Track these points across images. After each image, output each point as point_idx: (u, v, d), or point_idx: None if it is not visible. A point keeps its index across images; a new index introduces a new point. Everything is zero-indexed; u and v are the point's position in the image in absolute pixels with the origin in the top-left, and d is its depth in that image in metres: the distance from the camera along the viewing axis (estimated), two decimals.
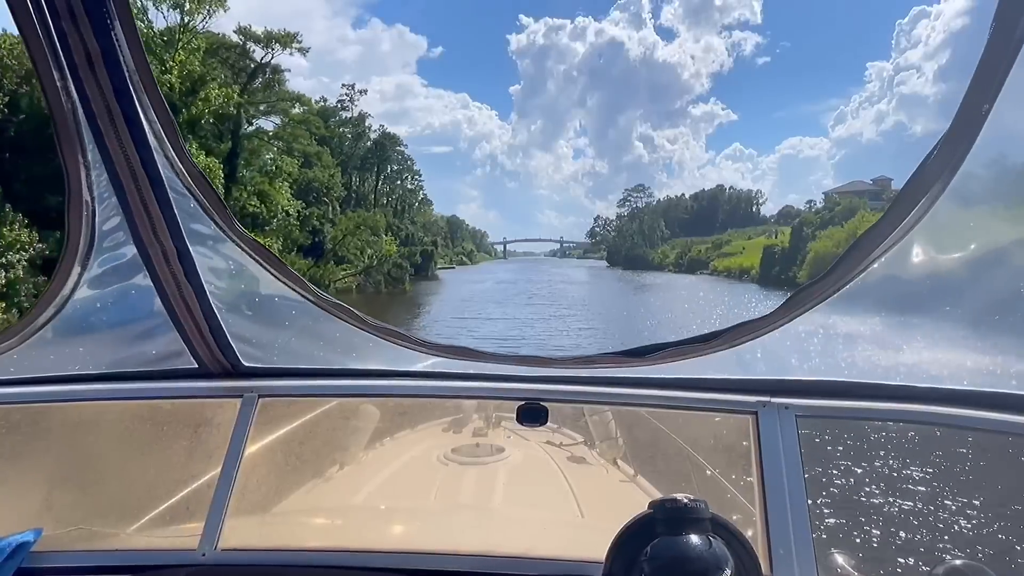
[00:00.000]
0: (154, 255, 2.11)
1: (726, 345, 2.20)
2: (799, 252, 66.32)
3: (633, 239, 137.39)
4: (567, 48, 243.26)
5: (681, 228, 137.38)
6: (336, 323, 2.52)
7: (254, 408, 2.34)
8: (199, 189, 2.12)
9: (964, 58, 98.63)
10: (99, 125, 1.79)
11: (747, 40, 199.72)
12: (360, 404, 3.24)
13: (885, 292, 2.14)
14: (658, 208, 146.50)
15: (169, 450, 2.75)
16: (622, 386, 2.30)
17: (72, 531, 2.29)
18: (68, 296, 2.31)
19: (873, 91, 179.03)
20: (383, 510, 3.19)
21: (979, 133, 1.61)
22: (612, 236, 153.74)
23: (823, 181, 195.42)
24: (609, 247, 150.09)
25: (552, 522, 2.94)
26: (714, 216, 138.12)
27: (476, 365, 2.47)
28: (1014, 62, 1.49)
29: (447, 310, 49.92)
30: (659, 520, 1.51)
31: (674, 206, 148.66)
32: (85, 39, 1.65)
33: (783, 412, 2.05)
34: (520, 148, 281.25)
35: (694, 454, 3.18)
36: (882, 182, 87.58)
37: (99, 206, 2.05)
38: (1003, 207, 2.01)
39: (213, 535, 2.07)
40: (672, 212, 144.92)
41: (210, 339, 2.37)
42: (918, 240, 1.87)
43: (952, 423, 2.00)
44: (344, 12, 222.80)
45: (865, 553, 5.29)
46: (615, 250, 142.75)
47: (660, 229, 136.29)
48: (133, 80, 1.77)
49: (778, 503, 1.90)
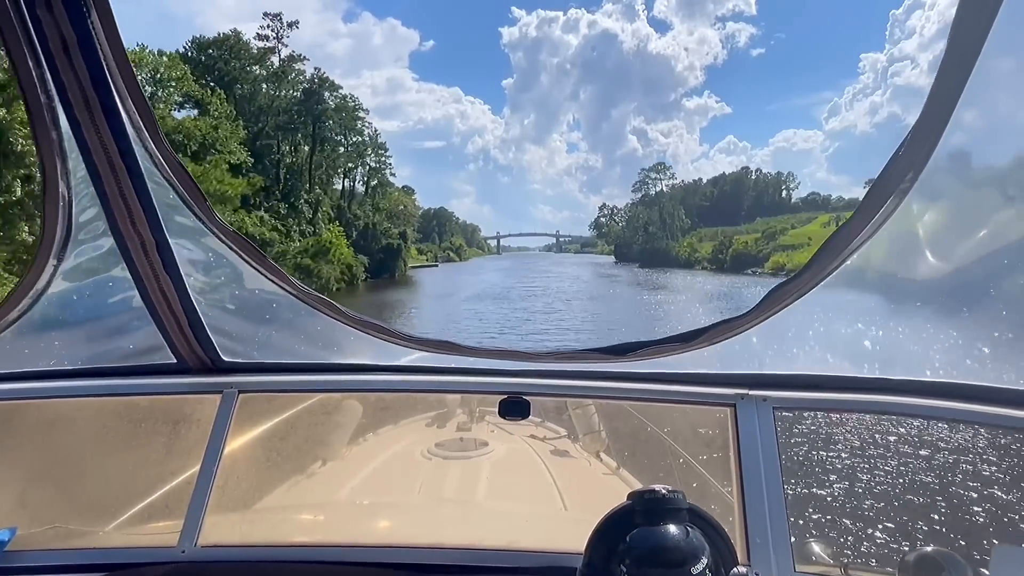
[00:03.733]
0: (132, 247, 2.08)
1: (706, 343, 2.23)
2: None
3: (647, 230, 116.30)
4: (560, 40, 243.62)
5: (700, 217, 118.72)
6: (318, 317, 2.50)
7: (234, 404, 2.32)
8: (178, 180, 2.09)
9: None
10: (76, 114, 1.76)
11: (741, 31, 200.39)
12: (342, 399, 3.23)
13: (859, 287, 2.19)
14: (676, 194, 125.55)
15: (148, 447, 2.72)
16: (604, 380, 2.33)
17: (48, 529, 2.25)
18: (43, 289, 2.26)
19: (867, 83, 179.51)
20: (366, 505, 3.18)
21: (944, 128, 1.64)
22: (620, 227, 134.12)
23: (817, 174, 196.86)
24: (618, 240, 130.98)
25: (535, 515, 2.97)
26: (738, 203, 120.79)
27: (459, 359, 2.47)
28: (977, 58, 1.52)
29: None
30: (638, 511, 1.54)
31: (691, 192, 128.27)
32: (61, 27, 1.61)
33: (760, 404, 2.09)
34: (513, 142, 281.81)
35: (675, 446, 3.23)
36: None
37: (76, 197, 2.01)
38: (972, 201, 2.06)
39: (193, 532, 2.06)
40: (689, 199, 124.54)
41: (189, 334, 2.34)
42: (890, 235, 1.91)
43: (925, 414, 2.06)
44: (335, 5, 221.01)
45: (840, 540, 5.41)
46: (625, 243, 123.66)
47: (680, 218, 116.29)
48: (111, 69, 1.73)
49: (755, 493, 1.94)
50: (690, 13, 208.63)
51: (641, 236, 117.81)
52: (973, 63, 1.53)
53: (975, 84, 1.57)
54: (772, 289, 2.10)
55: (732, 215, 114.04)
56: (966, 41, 1.51)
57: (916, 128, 1.66)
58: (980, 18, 1.46)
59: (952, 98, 1.59)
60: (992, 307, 2.13)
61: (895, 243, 2.01)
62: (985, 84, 1.58)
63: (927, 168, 1.72)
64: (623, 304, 50.95)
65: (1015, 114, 1.85)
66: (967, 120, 1.66)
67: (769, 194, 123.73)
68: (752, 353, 2.32)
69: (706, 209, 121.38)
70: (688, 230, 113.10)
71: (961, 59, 1.54)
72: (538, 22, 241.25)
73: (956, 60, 1.54)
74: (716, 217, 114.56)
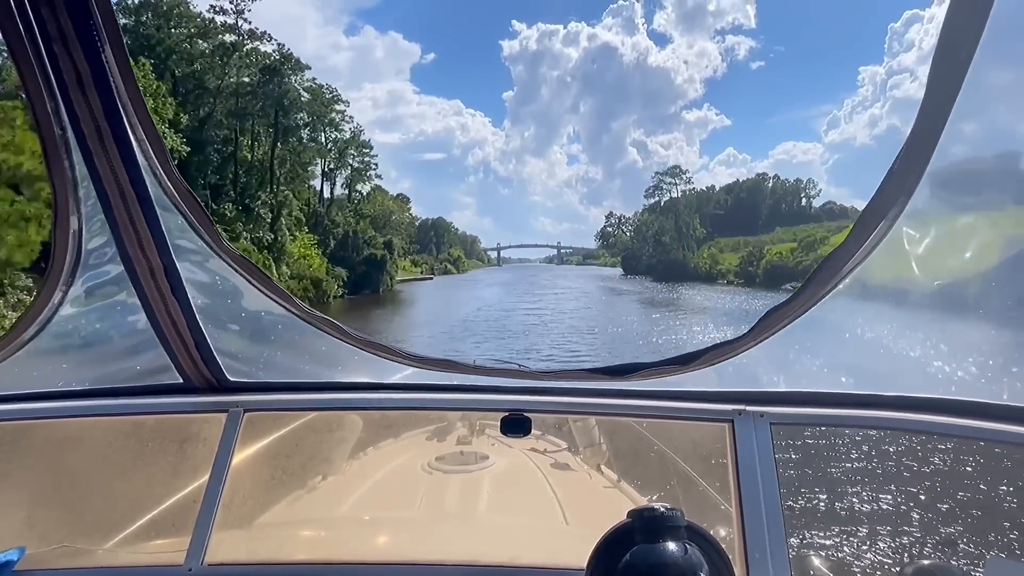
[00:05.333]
0: (140, 271, 2.13)
1: (704, 364, 2.27)
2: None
3: (658, 240, 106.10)
4: (560, 53, 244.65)
5: (714, 226, 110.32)
6: (321, 337, 2.54)
7: (239, 423, 2.35)
8: (186, 205, 2.14)
9: None
10: (88, 145, 1.81)
11: (741, 44, 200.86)
12: (345, 416, 3.26)
13: (853, 308, 2.23)
14: (691, 202, 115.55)
15: (154, 466, 2.75)
16: (604, 397, 2.36)
17: (56, 549, 2.27)
18: (53, 312, 2.31)
19: (866, 95, 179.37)
20: (369, 521, 3.20)
21: (934, 150, 1.68)
22: (628, 237, 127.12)
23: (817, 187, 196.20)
24: (625, 251, 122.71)
25: (537, 529, 2.99)
26: (755, 211, 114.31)
27: (460, 376, 2.51)
28: (963, 79, 1.56)
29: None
30: (637, 529, 1.57)
31: (705, 200, 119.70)
32: (76, 62, 1.67)
33: (758, 420, 2.12)
34: (513, 154, 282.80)
35: (676, 459, 3.25)
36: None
37: (86, 224, 2.06)
38: (962, 222, 2.11)
39: (199, 550, 2.08)
40: (703, 207, 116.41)
41: (195, 354, 2.38)
42: (882, 257, 1.96)
43: (921, 429, 2.09)
44: (337, 20, 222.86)
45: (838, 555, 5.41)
46: (633, 254, 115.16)
47: (695, 227, 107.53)
48: (123, 100, 1.79)
49: (754, 508, 1.97)
50: (690, 27, 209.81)
51: (651, 247, 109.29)
52: (959, 86, 1.58)
53: (960, 108, 1.62)
54: (769, 311, 2.14)
55: (749, 224, 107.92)
56: (950, 64, 1.56)
57: (904, 152, 1.70)
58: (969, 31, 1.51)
59: (940, 121, 1.64)
60: (985, 324, 2.17)
61: (890, 262, 2.05)
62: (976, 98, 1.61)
63: (919, 189, 1.75)
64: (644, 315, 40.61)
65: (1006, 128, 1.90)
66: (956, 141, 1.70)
67: (787, 202, 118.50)
68: (749, 372, 2.36)
69: (720, 218, 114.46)
70: (703, 240, 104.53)
71: (947, 82, 1.58)
72: (538, 35, 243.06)
73: (942, 83, 1.59)
74: (732, 226, 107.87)
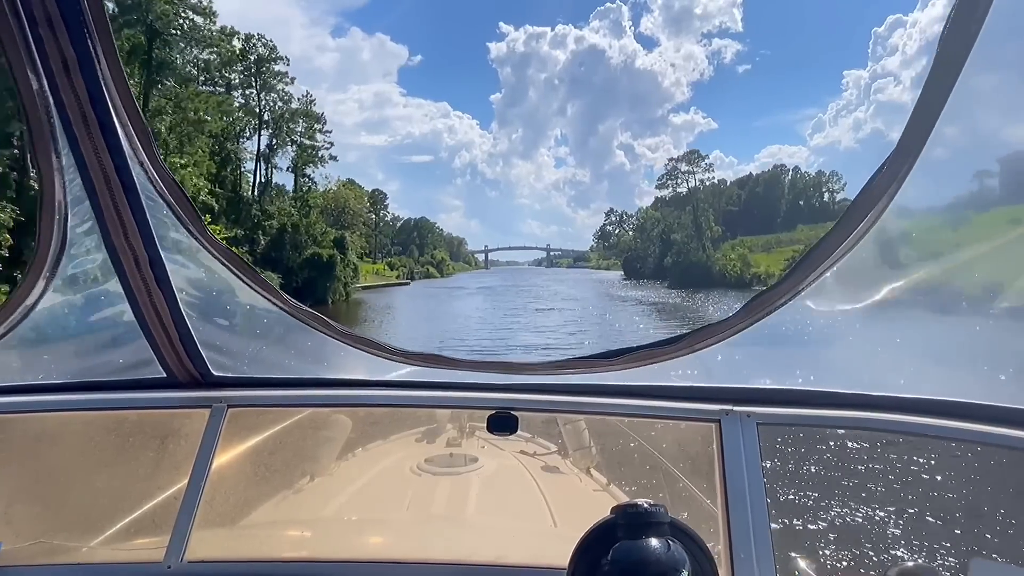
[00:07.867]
0: (125, 261, 2.11)
1: (688, 349, 2.28)
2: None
3: (667, 238, 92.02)
4: (548, 56, 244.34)
5: (728, 224, 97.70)
6: (308, 332, 2.52)
7: (223, 418, 2.32)
8: (172, 196, 2.13)
9: None
10: (74, 131, 1.80)
11: (727, 48, 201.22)
12: (331, 414, 3.23)
13: (839, 301, 2.25)
14: (707, 195, 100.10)
15: (135, 461, 2.71)
16: (592, 394, 2.36)
17: (33, 545, 2.23)
18: (35, 302, 2.27)
19: (850, 99, 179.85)
20: (355, 521, 3.17)
21: (923, 148, 1.70)
22: (631, 236, 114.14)
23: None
24: (628, 251, 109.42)
25: (524, 531, 2.97)
26: (774, 207, 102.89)
27: (449, 373, 2.50)
28: (956, 80, 1.58)
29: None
30: (620, 525, 1.56)
31: (717, 195, 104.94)
32: (62, 46, 1.66)
33: (745, 420, 2.12)
34: (501, 156, 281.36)
35: (664, 461, 3.25)
36: None
37: (71, 211, 2.04)
38: (949, 218, 2.13)
39: (179, 547, 2.05)
40: (715, 203, 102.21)
41: (180, 348, 2.35)
42: (872, 249, 1.97)
43: (909, 430, 2.09)
44: (323, 21, 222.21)
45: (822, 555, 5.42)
46: (637, 256, 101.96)
47: (710, 224, 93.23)
48: (108, 88, 1.78)
49: (739, 508, 1.96)
50: (676, 30, 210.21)
51: (658, 246, 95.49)
52: (951, 88, 1.60)
53: (956, 100, 1.63)
54: (752, 297, 2.16)
55: (767, 221, 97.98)
56: (946, 66, 1.58)
57: (897, 148, 1.72)
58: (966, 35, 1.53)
59: (932, 120, 1.66)
60: (973, 324, 2.19)
61: (877, 257, 2.07)
62: (966, 101, 1.64)
63: (907, 182, 1.77)
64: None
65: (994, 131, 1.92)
66: (948, 136, 1.72)
67: (808, 197, 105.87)
68: (735, 365, 2.36)
69: (734, 214, 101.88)
70: (718, 239, 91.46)
71: (941, 83, 1.61)
72: (526, 38, 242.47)
73: (936, 84, 1.62)
74: (747, 223, 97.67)
